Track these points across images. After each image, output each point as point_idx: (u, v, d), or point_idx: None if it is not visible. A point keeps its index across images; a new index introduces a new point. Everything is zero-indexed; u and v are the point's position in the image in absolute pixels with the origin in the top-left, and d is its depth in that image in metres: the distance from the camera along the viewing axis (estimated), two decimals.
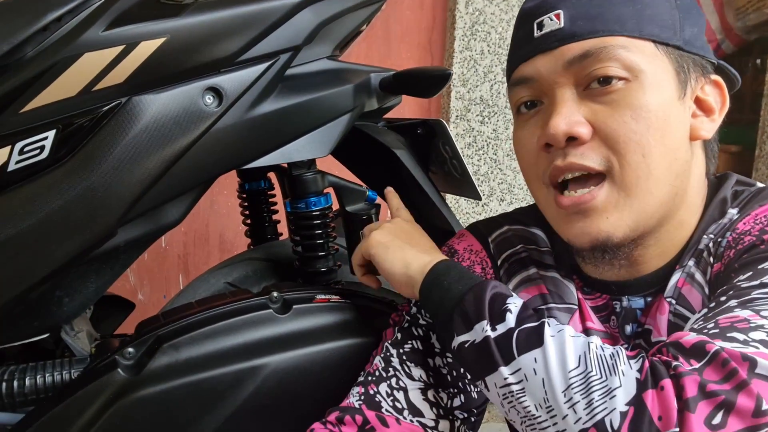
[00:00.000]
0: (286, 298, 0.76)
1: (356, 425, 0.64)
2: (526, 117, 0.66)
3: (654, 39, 0.60)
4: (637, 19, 0.60)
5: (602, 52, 0.59)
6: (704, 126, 0.63)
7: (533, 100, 0.65)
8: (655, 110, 0.59)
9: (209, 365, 0.70)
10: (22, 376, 0.71)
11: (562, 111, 0.60)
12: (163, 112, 0.68)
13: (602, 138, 0.59)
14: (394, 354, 0.69)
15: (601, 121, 0.59)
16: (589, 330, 0.69)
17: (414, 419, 0.66)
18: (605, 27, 0.60)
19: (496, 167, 1.99)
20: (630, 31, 0.59)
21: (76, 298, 0.78)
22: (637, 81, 0.59)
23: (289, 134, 0.79)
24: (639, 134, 0.58)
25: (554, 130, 0.59)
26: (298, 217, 0.87)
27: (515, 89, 0.66)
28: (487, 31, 1.93)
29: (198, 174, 0.73)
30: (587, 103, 0.60)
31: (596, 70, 0.59)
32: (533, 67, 0.63)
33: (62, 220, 0.64)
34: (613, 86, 0.59)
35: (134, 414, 0.67)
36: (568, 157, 0.60)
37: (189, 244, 1.79)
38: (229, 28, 0.70)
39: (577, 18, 0.60)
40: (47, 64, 0.62)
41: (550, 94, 0.62)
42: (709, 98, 0.64)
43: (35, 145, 0.63)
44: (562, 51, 0.61)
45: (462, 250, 0.76)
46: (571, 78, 0.61)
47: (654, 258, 0.65)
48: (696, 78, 0.62)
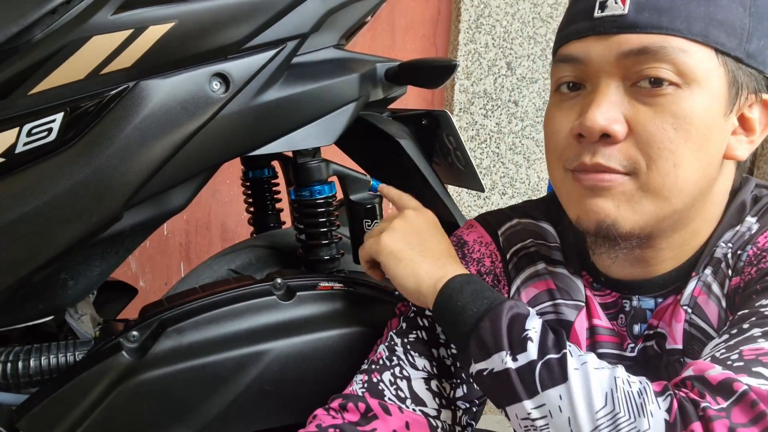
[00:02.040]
0: (290, 284, 0.76)
1: (359, 413, 0.64)
2: (565, 97, 0.63)
3: (717, 47, 0.57)
4: (706, 21, 0.56)
5: (660, 52, 0.56)
6: (741, 146, 0.61)
7: (576, 82, 0.62)
8: (697, 123, 0.56)
9: (213, 350, 0.70)
10: (26, 357, 0.72)
11: (603, 104, 0.58)
12: (170, 97, 0.68)
13: (636, 139, 0.58)
14: (399, 343, 0.69)
15: (640, 123, 0.57)
16: (596, 327, 0.69)
17: (416, 408, 0.66)
18: (670, 24, 0.56)
19: (498, 161, 1.99)
20: (694, 34, 0.56)
21: (80, 281, 0.79)
22: (688, 89, 0.56)
23: (295, 122, 0.79)
24: (675, 144, 0.56)
25: (591, 123, 0.57)
26: (302, 205, 0.87)
27: (560, 66, 0.63)
28: (492, 25, 1.93)
29: (203, 160, 0.73)
30: (631, 100, 0.58)
31: (649, 69, 0.56)
32: (585, 48, 0.60)
33: (69, 203, 0.65)
34: (662, 89, 0.56)
35: (138, 396, 0.67)
36: (596, 156, 0.58)
37: (191, 232, 1.80)
38: (236, 15, 0.70)
39: (643, 8, 0.57)
40: (56, 47, 0.62)
41: (595, 81, 0.60)
42: (754, 117, 0.61)
43: (43, 127, 0.63)
44: (619, 40, 0.57)
45: (472, 242, 0.76)
46: (621, 70, 0.58)
47: (666, 261, 0.64)
48: (747, 95, 0.60)
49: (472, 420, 0.71)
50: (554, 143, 0.64)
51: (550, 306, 0.71)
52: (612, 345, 0.68)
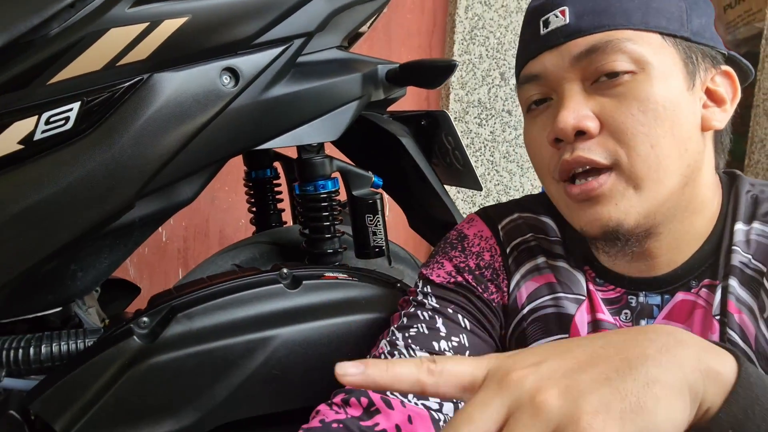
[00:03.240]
0: (296, 274, 0.78)
1: (361, 407, 0.64)
2: (536, 113, 0.66)
3: (661, 31, 0.60)
4: (643, 11, 0.60)
5: (608, 46, 0.59)
6: (716, 116, 0.63)
7: (543, 97, 0.65)
8: (662, 101, 0.59)
9: (221, 335, 0.71)
10: (38, 344, 0.73)
11: (570, 105, 0.60)
12: (183, 90, 0.70)
13: (610, 131, 0.60)
14: (400, 338, 0.69)
15: (608, 115, 0.59)
16: (600, 321, 0.69)
17: (419, 402, 0.65)
18: (611, 21, 0.60)
19: (492, 169, 2.02)
20: (636, 24, 0.60)
21: (89, 272, 0.80)
22: (644, 73, 0.59)
23: (300, 117, 0.82)
24: (647, 126, 0.58)
25: (563, 125, 0.60)
26: (306, 200, 0.89)
27: (524, 87, 0.66)
28: (485, 36, 1.97)
29: (213, 152, 0.75)
30: (595, 97, 0.60)
31: (603, 65, 0.59)
32: (541, 64, 0.63)
33: (84, 190, 0.66)
34: (620, 79, 0.59)
35: (149, 380, 0.68)
36: (575, 151, 0.60)
37: (189, 238, 1.81)
38: (247, 11, 0.72)
39: (582, 13, 0.61)
40: (74, 39, 0.64)
41: (558, 90, 0.63)
42: (719, 89, 0.63)
43: (60, 116, 0.65)
44: (568, 47, 0.61)
45: (472, 236, 0.76)
46: (578, 73, 0.61)
47: (669, 251, 0.65)
48: (706, 69, 0.62)
49: None
50: (539, 158, 0.66)
51: (550, 300, 0.71)
52: None
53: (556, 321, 0.70)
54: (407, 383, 0.39)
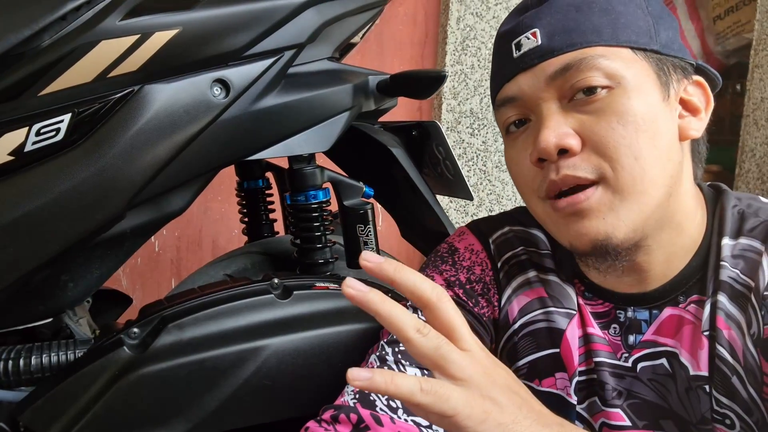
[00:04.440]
0: (287, 284, 0.78)
1: (351, 424, 0.63)
2: (515, 135, 0.66)
3: (631, 45, 0.61)
4: (613, 27, 0.61)
5: (582, 63, 0.60)
6: (692, 125, 0.64)
7: (521, 119, 0.66)
8: (641, 113, 0.59)
9: (212, 345, 0.71)
10: (27, 355, 0.73)
11: (551, 124, 0.61)
12: (174, 101, 0.71)
13: (592, 147, 0.60)
14: (390, 353, 0.68)
15: (589, 130, 0.60)
16: (590, 335, 0.69)
17: (408, 418, 0.64)
18: (582, 39, 0.61)
19: (485, 178, 2.03)
20: (607, 40, 0.61)
21: (80, 283, 0.80)
22: (620, 87, 0.60)
23: (291, 128, 0.82)
24: (628, 138, 0.59)
25: (545, 144, 0.60)
26: (298, 210, 0.90)
27: (501, 110, 0.67)
28: (477, 47, 1.99)
29: (204, 162, 0.76)
30: (573, 114, 0.61)
31: (579, 82, 0.60)
32: (516, 86, 0.64)
33: (75, 200, 0.67)
34: (597, 95, 0.60)
35: (139, 390, 0.68)
36: (561, 170, 0.61)
37: (182, 249, 1.81)
38: (238, 23, 0.73)
39: (553, 33, 0.62)
40: (65, 50, 0.65)
41: (536, 110, 0.63)
42: (693, 98, 0.65)
43: (51, 127, 0.65)
44: (542, 67, 0.62)
45: (463, 249, 0.76)
46: (554, 92, 0.62)
47: (659, 265, 0.65)
48: (678, 80, 0.64)
49: None
50: (522, 178, 0.67)
51: (541, 314, 0.71)
52: (607, 354, 0.68)
53: (548, 335, 0.70)
54: (405, 396, 0.44)
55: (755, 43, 2.33)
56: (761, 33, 2.31)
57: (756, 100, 2.23)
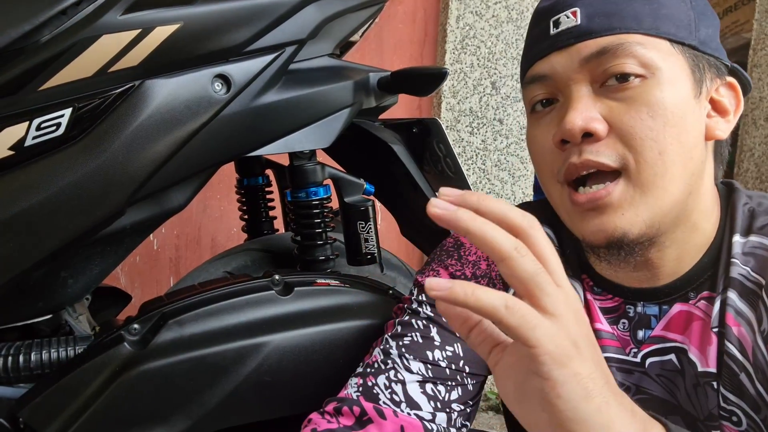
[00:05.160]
0: (288, 281, 0.78)
1: (354, 416, 0.64)
2: (541, 115, 0.65)
3: (670, 37, 0.60)
4: (654, 17, 0.60)
5: (619, 49, 0.59)
6: (719, 126, 0.63)
7: (549, 98, 0.64)
8: (671, 107, 0.58)
9: (213, 341, 0.71)
10: (27, 351, 0.73)
11: (578, 107, 0.59)
12: (174, 97, 0.70)
13: (618, 135, 0.59)
14: (394, 346, 0.68)
15: (617, 118, 0.59)
16: (598, 331, 0.68)
17: (411, 412, 0.65)
18: (622, 24, 0.60)
19: (484, 177, 2.03)
20: (646, 29, 0.59)
21: (80, 279, 0.80)
22: (654, 78, 0.59)
23: (292, 124, 0.82)
24: (655, 131, 0.58)
25: (570, 126, 0.59)
26: (298, 206, 0.89)
27: (530, 87, 0.65)
28: (476, 46, 1.99)
29: (205, 158, 0.75)
30: (603, 100, 0.60)
31: (613, 67, 0.59)
32: (549, 64, 0.63)
33: (75, 196, 0.66)
34: (630, 83, 0.59)
35: (140, 386, 0.68)
36: (583, 154, 0.60)
37: (181, 247, 1.80)
38: (239, 19, 0.73)
39: (593, 15, 0.60)
40: (66, 45, 0.65)
41: (566, 91, 0.62)
42: (723, 99, 0.64)
43: (52, 122, 0.65)
44: (578, 48, 0.60)
45: (468, 244, 0.75)
46: (587, 75, 0.61)
47: (671, 261, 0.64)
48: (711, 78, 0.62)
49: (467, 421, 0.71)
50: (542, 159, 0.65)
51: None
52: (615, 350, 0.68)
53: None
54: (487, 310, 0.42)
55: (754, 43, 2.33)
56: (760, 33, 2.32)
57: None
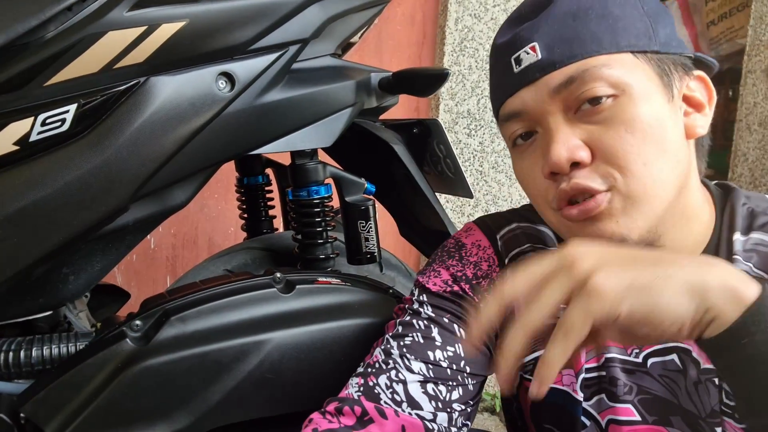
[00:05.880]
0: (289, 278, 0.78)
1: (355, 416, 0.64)
2: (523, 148, 0.66)
3: (632, 50, 0.61)
4: (612, 33, 0.60)
5: (585, 75, 0.59)
6: (698, 122, 0.64)
7: (527, 131, 0.65)
8: (648, 120, 0.59)
9: (215, 338, 0.71)
10: (29, 347, 0.73)
11: (559, 138, 0.60)
12: (179, 94, 0.71)
13: (602, 157, 0.60)
14: (395, 346, 0.68)
15: (597, 141, 0.60)
16: None
17: (412, 412, 0.65)
18: (583, 49, 0.60)
19: (482, 179, 2.04)
20: (608, 48, 0.60)
21: (81, 276, 0.80)
22: (625, 95, 0.60)
23: (294, 123, 0.82)
24: (636, 146, 0.59)
25: (557, 159, 0.60)
26: (300, 205, 0.90)
27: (506, 124, 0.66)
28: (475, 48, 2.00)
29: (208, 156, 0.76)
30: (580, 125, 0.61)
31: (584, 93, 0.60)
32: (520, 100, 0.63)
33: (79, 192, 0.67)
34: (602, 105, 0.60)
35: (141, 382, 0.68)
36: (573, 180, 0.60)
37: (178, 246, 1.80)
38: (244, 17, 0.73)
39: (552, 46, 0.61)
40: (72, 41, 0.65)
41: (543, 123, 0.63)
42: (695, 94, 0.65)
43: (57, 117, 0.65)
44: (545, 81, 0.61)
45: (470, 245, 0.76)
46: (559, 104, 0.61)
47: None
48: (680, 77, 0.63)
49: (467, 421, 0.71)
50: (534, 190, 0.66)
51: None
52: (618, 350, 0.68)
53: None
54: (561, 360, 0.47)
55: (748, 49, 2.35)
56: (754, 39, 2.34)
57: (749, 105, 2.25)
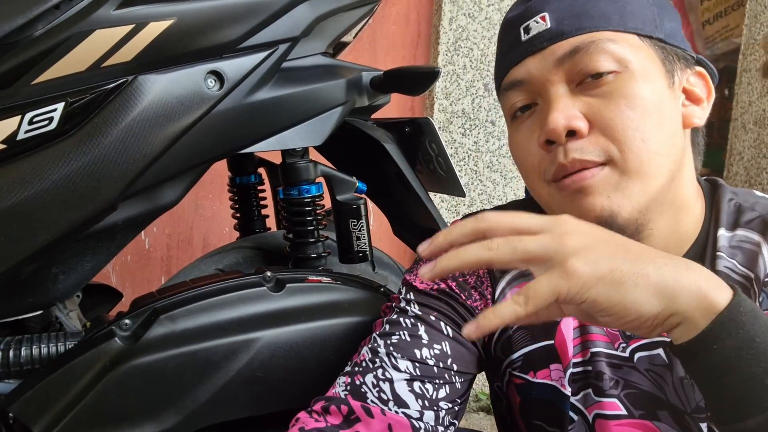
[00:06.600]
0: (279, 277, 0.78)
1: (341, 415, 0.64)
2: (521, 120, 0.66)
3: (638, 32, 0.63)
4: (620, 14, 0.62)
5: (591, 47, 0.61)
6: (696, 114, 0.66)
7: (527, 104, 0.66)
8: (648, 97, 0.60)
9: (204, 336, 0.71)
10: (18, 347, 0.73)
11: (559, 107, 0.61)
12: (167, 92, 0.71)
13: (600, 129, 0.61)
14: (381, 345, 0.68)
15: (597, 113, 0.61)
16: (586, 326, 0.68)
17: (399, 410, 0.65)
18: (591, 23, 0.62)
19: (476, 178, 2.04)
20: (615, 26, 0.62)
21: (71, 275, 0.80)
22: (628, 71, 0.61)
23: (285, 122, 0.82)
24: (636, 121, 0.60)
25: (554, 125, 0.60)
26: (291, 204, 0.90)
27: (508, 94, 0.67)
28: (469, 48, 2.00)
29: (197, 154, 0.76)
30: (581, 97, 0.62)
31: (587, 65, 0.61)
32: (524, 69, 0.64)
33: (67, 190, 0.66)
34: (605, 79, 0.61)
35: (130, 381, 0.68)
36: (569, 154, 0.61)
37: (172, 246, 1.80)
38: (232, 15, 0.73)
39: (562, 18, 0.63)
40: (59, 39, 0.65)
41: (544, 93, 0.64)
42: (695, 89, 0.66)
43: (44, 116, 0.65)
44: (551, 50, 0.62)
45: None
46: (562, 75, 0.62)
47: None
48: (681, 69, 0.65)
49: (455, 419, 0.71)
50: (528, 161, 0.66)
51: None
52: (604, 344, 0.68)
53: (542, 327, 0.70)
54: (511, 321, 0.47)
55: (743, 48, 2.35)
56: (749, 37, 2.34)
57: (744, 104, 2.25)
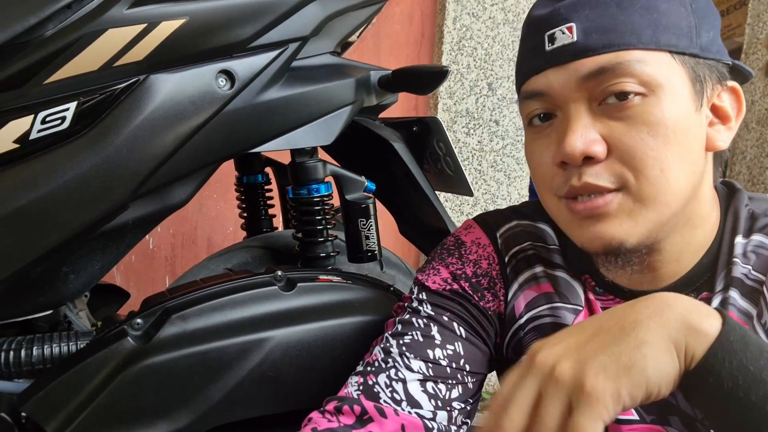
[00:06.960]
0: (290, 276, 0.78)
1: (354, 415, 0.63)
2: (539, 129, 0.64)
3: (670, 49, 0.58)
4: (653, 28, 0.58)
5: (618, 68, 0.57)
6: (720, 136, 0.62)
7: (546, 113, 0.63)
8: (672, 125, 0.57)
9: (216, 336, 0.71)
10: (29, 346, 0.73)
11: (577, 129, 0.58)
12: (179, 92, 0.71)
13: (618, 155, 0.58)
14: (394, 345, 0.68)
15: (616, 139, 0.58)
16: None
17: (412, 411, 0.64)
18: (620, 40, 0.58)
19: (480, 178, 2.04)
20: (646, 44, 0.58)
21: (81, 275, 0.80)
22: (654, 96, 0.57)
23: (294, 121, 0.82)
24: (656, 150, 0.57)
25: (571, 149, 0.58)
26: (300, 203, 0.89)
27: (527, 102, 0.64)
28: (473, 47, 2.00)
29: (208, 154, 0.76)
30: (602, 119, 0.59)
31: (612, 86, 0.58)
32: (545, 80, 0.61)
33: (79, 190, 0.66)
34: (629, 102, 0.57)
35: (142, 381, 0.68)
36: (583, 177, 0.59)
37: (177, 246, 1.80)
38: (243, 15, 0.73)
39: (590, 31, 0.58)
40: (71, 39, 0.65)
41: (564, 108, 0.61)
42: (725, 105, 0.62)
43: (57, 115, 0.65)
44: (576, 66, 0.59)
45: (469, 243, 0.75)
46: (585, 93, 0.59)
47: (670, 263, 0.64)
48: (713, 86, 0.61)
49: (468, 419, 0.70)
50: (540, 174, 0.65)
51: (547, 309, 0.70)
52: None
53: (553, 330, 0.70)
54: None
55: (746, 47, 2.35)
56: (752, 37, 2.34)
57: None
